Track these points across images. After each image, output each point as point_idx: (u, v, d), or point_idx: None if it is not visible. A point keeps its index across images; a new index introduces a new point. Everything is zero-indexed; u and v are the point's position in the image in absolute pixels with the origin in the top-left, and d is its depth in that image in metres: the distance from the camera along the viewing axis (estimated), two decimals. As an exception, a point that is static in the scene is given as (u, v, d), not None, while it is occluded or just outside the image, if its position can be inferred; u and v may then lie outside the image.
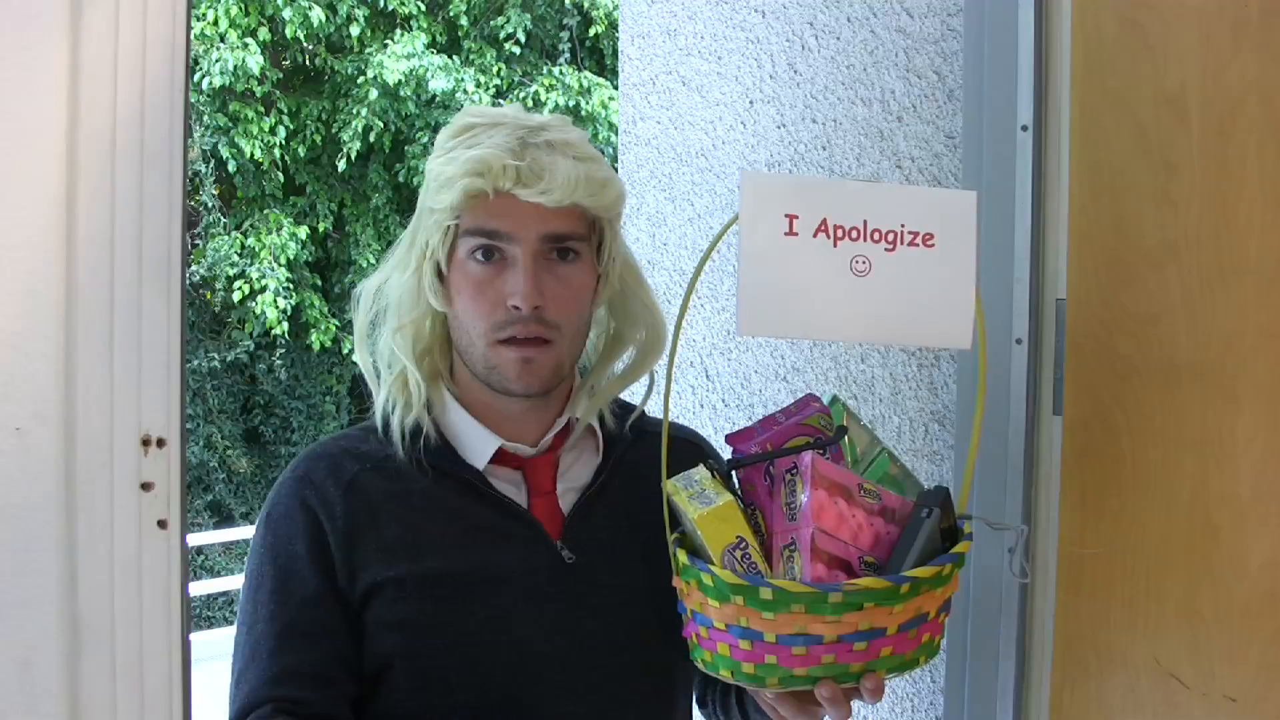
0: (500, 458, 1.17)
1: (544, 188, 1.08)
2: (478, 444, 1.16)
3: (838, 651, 0.99)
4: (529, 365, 1.12)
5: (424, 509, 1.13)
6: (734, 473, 1.13)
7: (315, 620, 1.09)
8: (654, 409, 1.29)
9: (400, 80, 9.16)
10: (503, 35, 9.73)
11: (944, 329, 1.03)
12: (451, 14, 9.91)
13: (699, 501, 1.05)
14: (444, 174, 1.10)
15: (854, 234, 1.01)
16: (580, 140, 1.13)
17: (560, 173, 1.08)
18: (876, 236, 1.02)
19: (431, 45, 9.72)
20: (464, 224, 1.11)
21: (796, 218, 1.01)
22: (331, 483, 1.13)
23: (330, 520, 1.11)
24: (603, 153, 1.17)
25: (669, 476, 1.09)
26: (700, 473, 1.09)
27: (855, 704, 1.08)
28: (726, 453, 1.26)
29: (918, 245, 1.02)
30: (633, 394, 1.29)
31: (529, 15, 9.79)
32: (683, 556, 1.05)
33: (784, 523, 1.03)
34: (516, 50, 9.70)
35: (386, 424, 1.16)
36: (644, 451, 1.22)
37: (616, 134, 2.05)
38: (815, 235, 0.99)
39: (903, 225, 1.02)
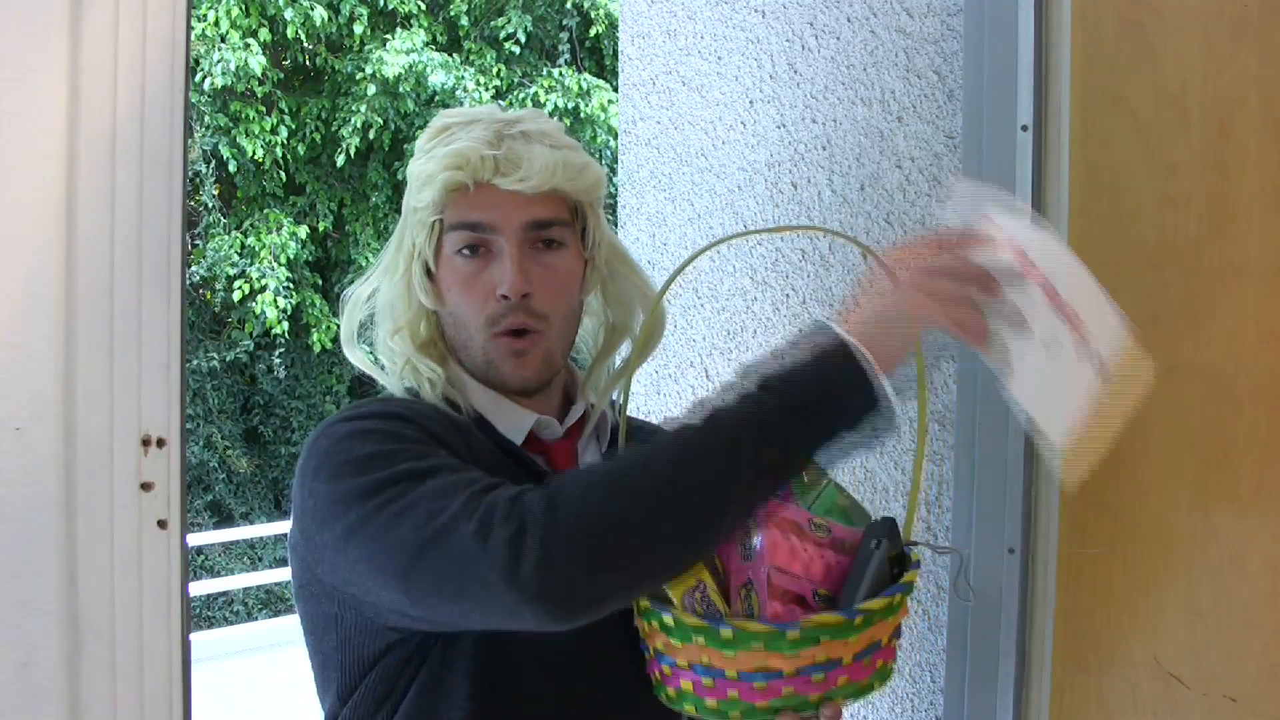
0: (525, 443, 1.17)
1: (523, 175, 1.09)
2: (513, 418, 1.16)
3: (797, 684, 1.02)
4: (521, 359, 1.12)
5: (491, 461, 1.10)
6: None
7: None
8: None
9: (399, 74, 9.15)
10: (503, 35, 9.73)
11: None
12: (453, 14, 9.91)
13: None
14: (424, 172, 1.11)
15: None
16: (555, 130, 1.15)
17: (538, 159, 1.09)
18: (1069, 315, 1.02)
19: (432, 44, 9.71)
20: (448, 219, 1.12)
21: None
22: (419, 409, 1.09)
23: (436, 430, 1.06)
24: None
25: None
26: None
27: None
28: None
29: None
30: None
31: (530, 16, 9.79)
32: (643, 600, 1.06)
33: (739, 562, 1.06)
34: (516, 50, 9.70)
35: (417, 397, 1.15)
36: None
37: (616, 137, 2.04)
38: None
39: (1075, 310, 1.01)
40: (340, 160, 9.60)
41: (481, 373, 1.15)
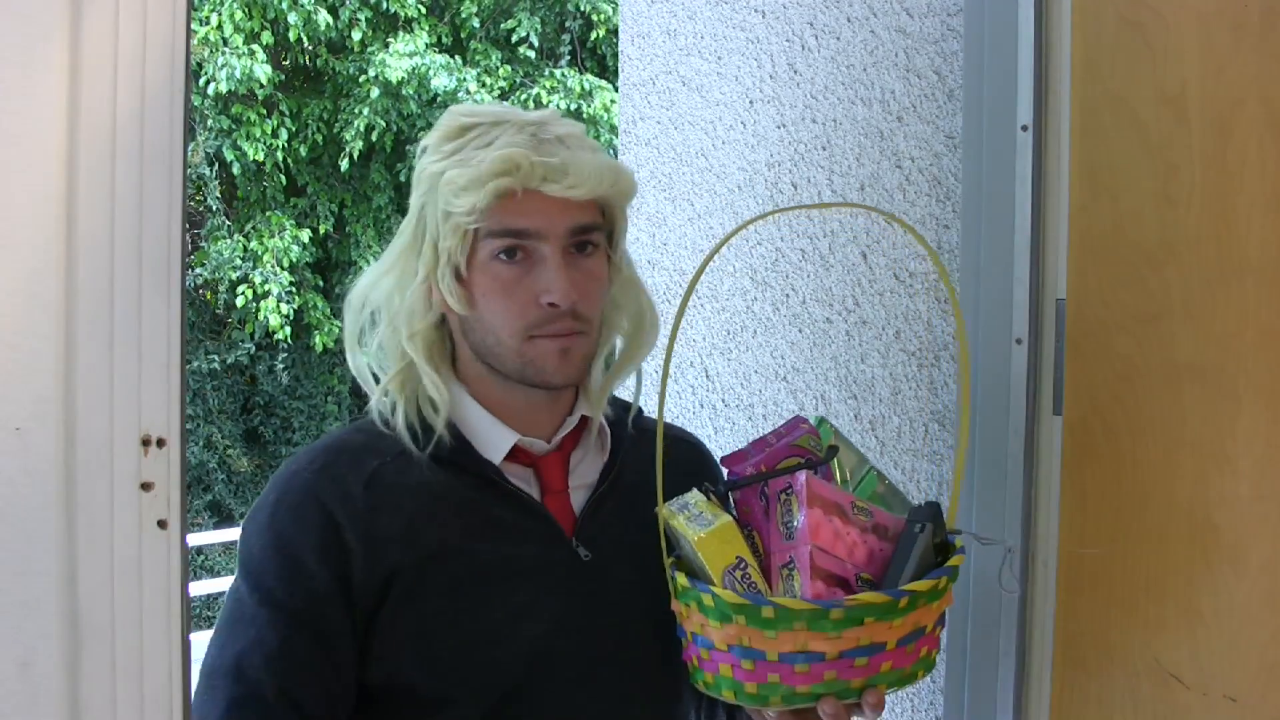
0: (512, 455, 1.16)
1: (571, 182, 1.08)
2: (493, 438, 1.16)
3: (839, 668, 1.00)
4: (567, 355, 1.12)
5: (443, 503, 1.12)
6: (730, 494, 1.13)
7: (321, 616, 1.07)
8: (647, 407, 1.29)
9: (403, 79, 9.15)
10: (514, 39, 9.73)
11: None
12: (463, 15, 9.90)
13: (697, 524, 1.05)
14: (462, 177, 1.08)
15: None
16: (582, 132, 1.14)
17: (586, 166, 1.08)
18: None
19: (435, 46, 9.72)
20: (487, 225, 1.09)
21: None
22: (353, 476, 1.11)
23: (350, 514, 1.09)
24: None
25: (668, 482, 1.09)
26: (694, 496, 1.09)
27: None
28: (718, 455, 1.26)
29: None
30: (625, 390, 1.29)
31: (538, 19, 9.80)
32: (682, 579, 1.05)
33: (781, 542, 1.04)
34: (531, 55, 9.70)
35: (390, 421, 1.15)
36: (646, 449, 1.22)
37: (618, 137, 2.04)
38: None
39: None
40: (344, 165, 9.60)
41: (517, 374, 1.13)
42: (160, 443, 0.88)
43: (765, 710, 1.06)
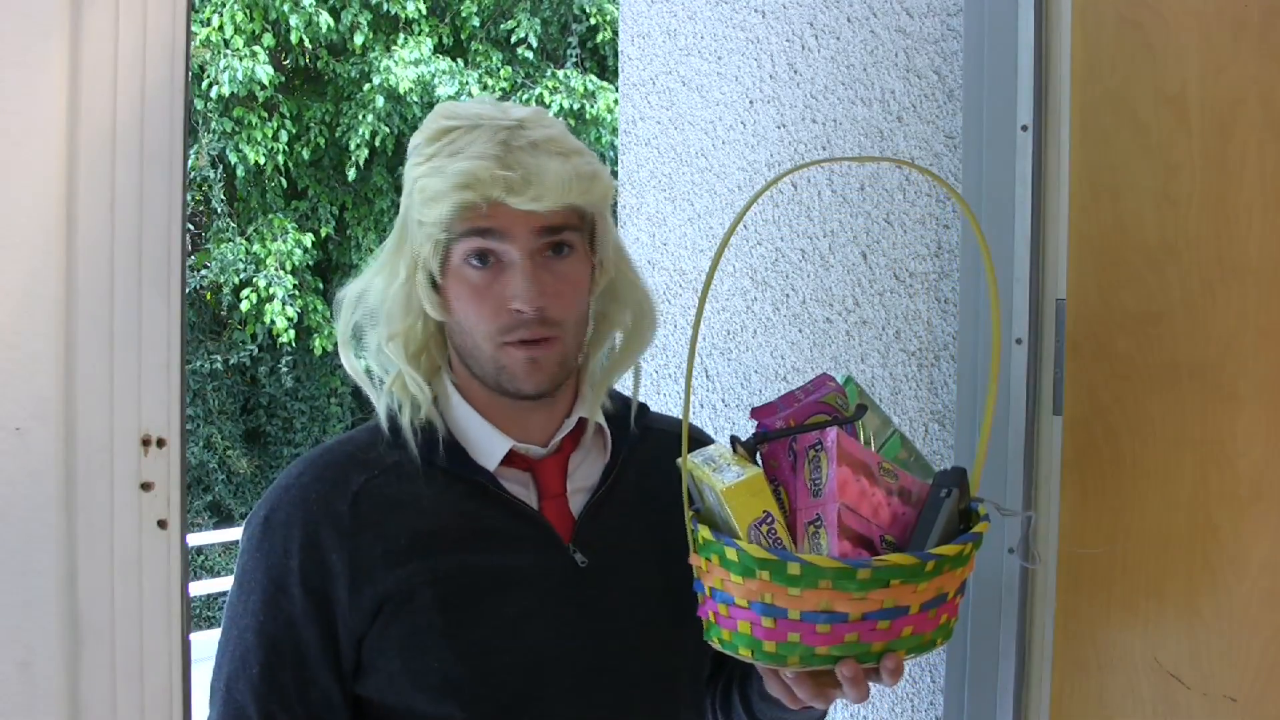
0: (509, 459, 1.15)
1: (535, 194, 1.06)
2: (488, 445, 1.15)
3: (861, 630, 0.98)
4: (536, 364, 1.10)
5: (434, 513, 1.12)
6: (759, 448, 1.11)
7: (299, 641, 1.09)
8: (655, 406, 1.29)
9: (410, 89, 9.16)
10: (514, 40, 9.73)
11: None
12: (464, 15, 9.90)
13: (725, 475, 1.03)
14: (430, 187, 1.08)
15: None
16: (562, 134, 1.12)
17: (550, 176, 1.06)
18: None
19: (438, 47, 9.72)
20: (456, 229, 1.09)
21: None
22: (338, 493, 1.11)
23: (335, 535, 1.09)
24: (605, 157, 1.16)
25: (674, 483, 1.08)
26: (719, 449, 1.07)
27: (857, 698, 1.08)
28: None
29: None
30: (624, 385, 1.28)
31: (538, 20, 9.80)
32: (705, 532, 1.02)
33: (808, 499, 1.02)
34: (530, 56, 9.70)
35: (394, 426, 1.15)
36: (650, 448, 1.21)
37: (619, 138, 2.04)
38: None
39: None
40: (351, 174, 9.61)
41: (493, 380, 1.13)
42: (160, 443, 0.88)
43: (783, 671, 1.05)
